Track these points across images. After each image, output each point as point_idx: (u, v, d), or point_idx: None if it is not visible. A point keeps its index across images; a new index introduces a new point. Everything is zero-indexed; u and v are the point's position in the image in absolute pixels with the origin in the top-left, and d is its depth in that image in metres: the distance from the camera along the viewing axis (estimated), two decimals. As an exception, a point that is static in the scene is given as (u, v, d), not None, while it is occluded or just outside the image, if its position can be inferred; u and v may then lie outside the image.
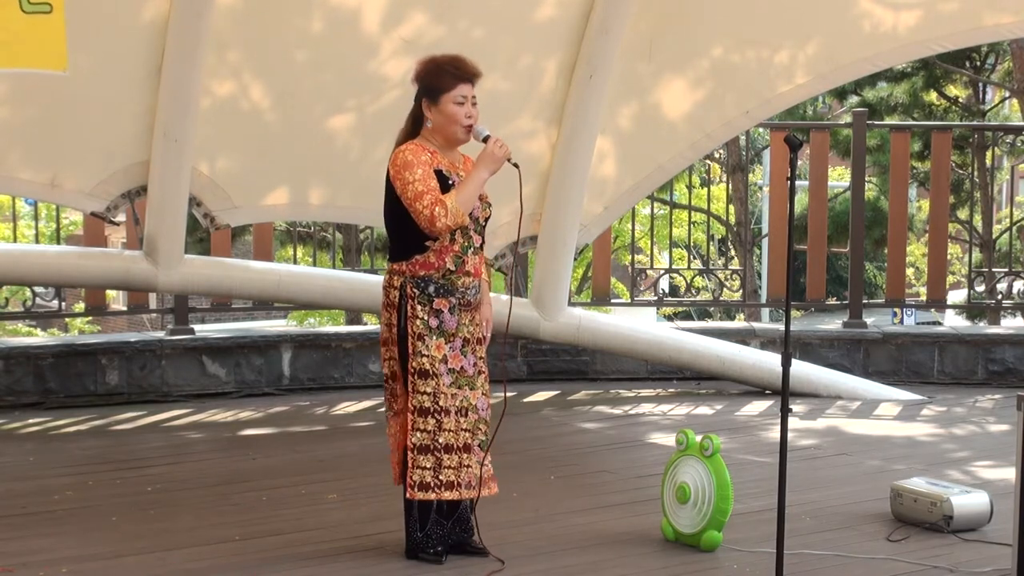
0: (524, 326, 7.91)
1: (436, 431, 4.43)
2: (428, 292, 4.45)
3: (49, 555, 4.64)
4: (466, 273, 4.51)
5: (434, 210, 4.35)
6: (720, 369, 8.16)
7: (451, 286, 4.48)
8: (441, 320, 4.46)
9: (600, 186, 7.78)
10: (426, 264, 4.46)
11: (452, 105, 4.45)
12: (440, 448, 4.44)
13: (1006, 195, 25.91)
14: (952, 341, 8.69)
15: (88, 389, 7.66)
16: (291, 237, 12.13)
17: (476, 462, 4.51)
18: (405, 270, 4.47)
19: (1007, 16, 7.10)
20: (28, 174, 6.81)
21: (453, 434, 4.46)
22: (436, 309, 4.45)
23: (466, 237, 4.50)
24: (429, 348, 4.44)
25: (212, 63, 6.68)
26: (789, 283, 4.70)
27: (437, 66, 4.50)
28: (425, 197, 4.36)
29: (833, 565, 4.55)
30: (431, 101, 4.48)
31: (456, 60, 4.52)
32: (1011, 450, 4.34)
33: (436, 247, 4.45)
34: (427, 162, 4.43)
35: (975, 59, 17.61)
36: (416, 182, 4.38)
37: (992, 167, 11.41)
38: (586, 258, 15.36)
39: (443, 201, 4.36)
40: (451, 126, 4.47)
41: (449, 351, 4.47)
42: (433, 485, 4.44)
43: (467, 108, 4.47)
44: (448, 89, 4.45)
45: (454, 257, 4.47)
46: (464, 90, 4.46)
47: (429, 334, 4.44)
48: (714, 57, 7.47)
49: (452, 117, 4.46)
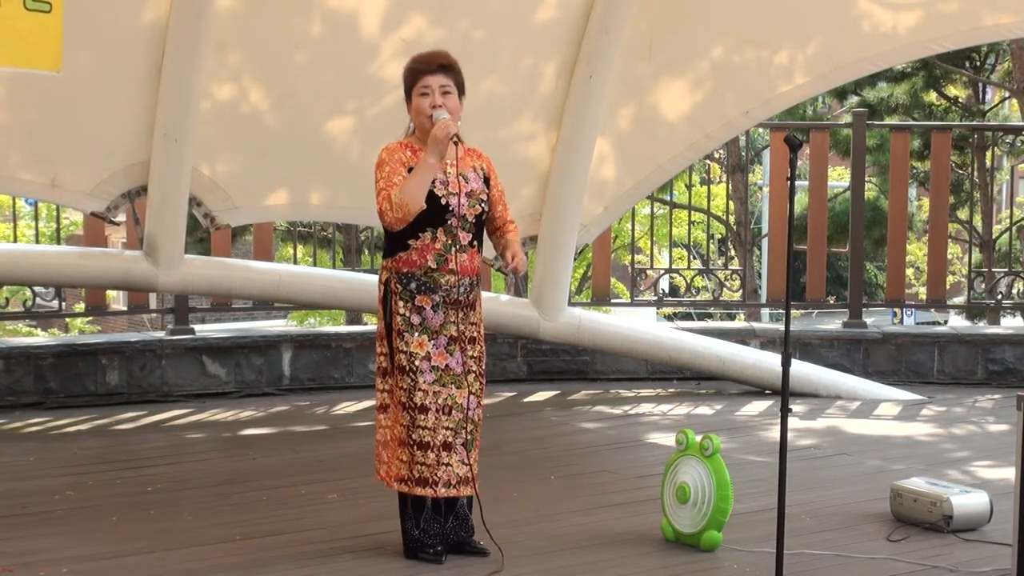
0: (524, 326, 7.92)
1: (411, 427, 4.43)
2: (410, 288, 4.46)
3: (49, 555, 4.63)
4: (450, 271, 4.46)
5: (382, 205, 4.39)
6: (720, 369, 8.17)
7: (434, 284, 4.47)
8: (423, 317, 4.45)
9: (600, 187, 7.78)
10: (408, 261, 4.47)
11: (417, 98, 4.49)
12: (413, 444, 4.43)
13: (1006, 195, 25.91)
14: (952, 341, 8.69)
15: (88, 389, 7.67)
16: (291, 236, 12.13)
17: (458, 461, 4.48)
18: (391, 266, 4.50)
19: (1007, 16, 7.11)
20: (28, 174, 6.81)
21: (430, 432, 4.43)
22: (418, 306, 4.45)
23: (450, 235, 4.45)
24: (409, 344, 4.44)
25: (212, 65, 6.69)
26: (789, 283, 4.70)
27: (407, 66, 4.56)
28: (381, 194, 4.41)
29: (833, 565, 4.55)
30: (407, 99, 4.54)
31: (423, 54, 4.56)
32: (1011, 450, 4.34)
33: (417, 245, 4.45)
34: (401, 160, 4.45)
35: (975, 59, 17.61)
36: (380, 180, 4.43)
37: (992, 167, 11.43)
38: (586, 258, 15.36)
39: (388, 195, 4.38)
40: (419, 118, 4.51)
41: (433, 348, 4.46)
42: (407, 479, 4.45)
43: (431, 98, 4.47)
44: (414, 83, 4.50)
45: (435, 255, 4.46)
46: (427, 80, 4.47)
47: (410, 330, 4.44)
48: (714, 57, 7.47)
49: (419, 109, 4.50)
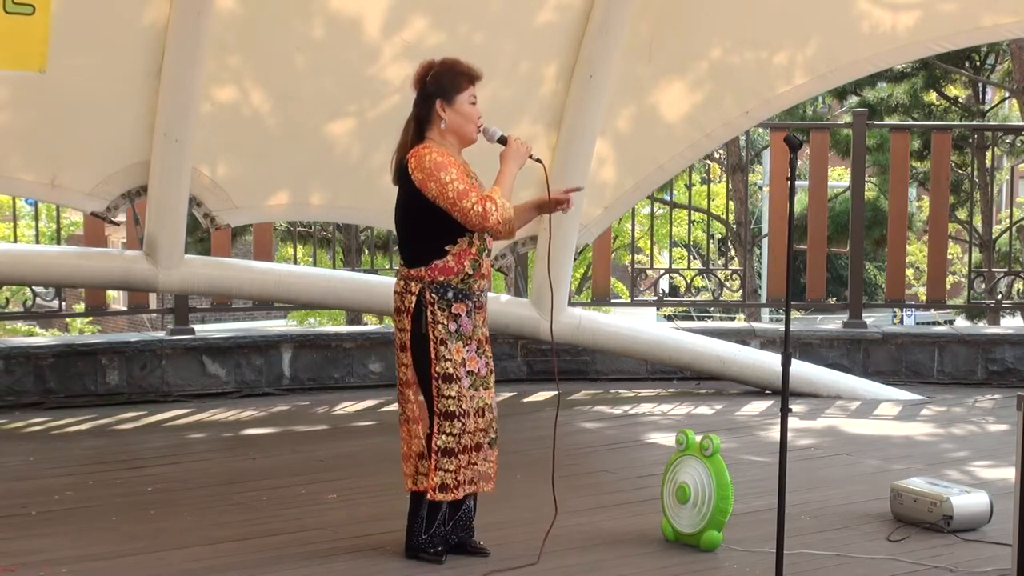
0: (524, 326, 7.92)
1: (460, 434, 4.44)
2: (447, 298, 4.44)
3: (49, 555, 4.64)
4: (482, 276, 4.52)
5: (485, 205, 4.34)
6: (720, 369, 8.17)
7: (468, 290, 4.48)
8: (459, 324, 4.46)
9: (600, 187, 7.77)
10: (445, 269, 4.44)
11: (468, 105, 4.49)
12: (461, 450, 4.46)
13: (1006, 195, 25.91)
14: (952, 341, 8.69)
15: (88, 389, 7.67)
16: (291, 236, 12.12)
17: (483, 459, 4.54)
18: (424, 276, 4.44)
19: (1006, 16, 7.12)
20: (28, 174, 6.82)
21: (471, 435, 4.48)
22: (455, 314, 4.45)
23: (482, 240, 4.50)
24: (451, 352, 4.43)
25: (213, 68, 6.69)
26: (789, 283, 4.70)
27: (448, 68, 4.51)
28: (471, 194, 4.35)
29: (833, 565, 4.56)
30: (446, 101, 4.47)
31: (462, 62, 4.55)
32: (1010, 450, 4.34)
33: (455, 251, 4.44)
34: (456, 163, 4.43)
35: (975, 59, 17.61)
36: (455, 180, 4.36)
37: (992, 167, 11.43)
38: (586, 258, 15.36)
39: (491, 197, 4.37)
40: (468, 125, 4.50)
41: (467, 354, 4.48)
42: (452, 486, 4.46)
43: (478, 108, 4.52)
44: (462, 89, 4.48)
45: (472, 260, 4.47)
46: (473, 90, 4.51)
47: (450, 338, 4.43)
48: (713, 58, 7.47)
49: (469, 116, 4.49)
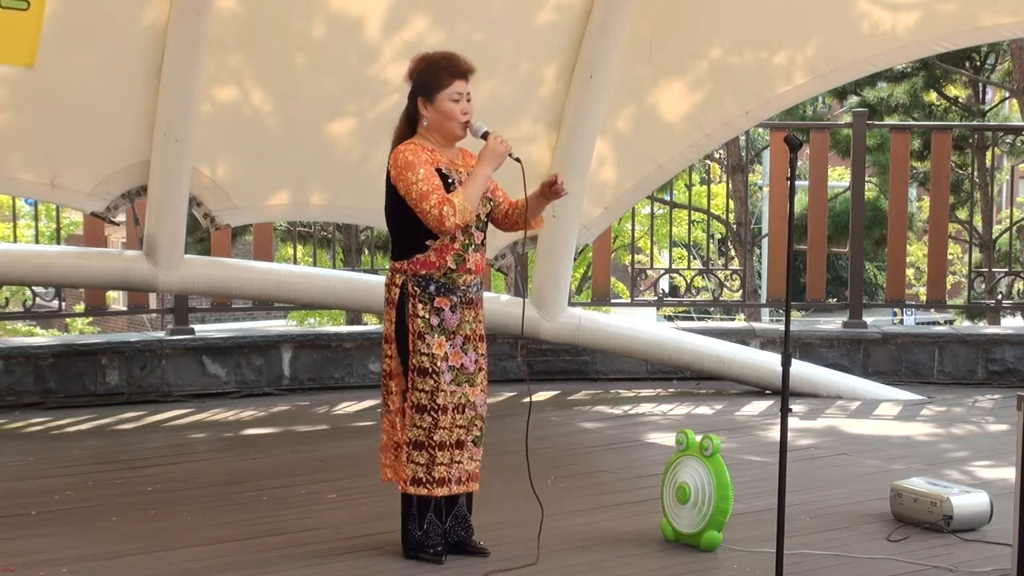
0: (524, 326, 7.90)
1: (432, 428, 4.44)
2: (429, 291, 4.45)
3: (49, 555, 4.64)
4: (467, 271, 4.51)
5: (442, 209, 4.34)
6: (720, 369, 8.17)
7: (452, 284, 4.49)
8: (442, 318, 4.46)
9: (600, 187, 7.77)
10: (427, 263, 4.45)
11: (448, 102, 4.45)
12: (434, 445, 4.45)
13: (1006, 195, 25.91)
14: (952, 341, 8.69)
15: (88, 389, 7.67)
16: (291, 236, 12.13)
17: (467, 458, 4.54)
18: (406, 268, 4.47)
19: (1006, 16, 7.11)
20: (29, 174, 6.82)
21: (447, 431, 4.47)
22: (437, 307, 4.46)
23: (467, 235, 4.49)
24: (430, 346, 4.44)
25: (213, 68, 6.69)
26: (789, 283, 4.70)
27: (432, 63, 4.49)
28: (432, 196, 4.35)
29: (833, 565, 4.56)
30: (427, 99, 4.46)
31: (450, 57, 4.51)
32: (1010, 450, 4.34)
33: (436, 246, 4.45)
34: (428, 161, 4.42)
35: (975, 59, 17.61)
36: (420, 182, 4.36)
37: (992, 167, 11.42)
38: (586, 258, 15.35)
39: (450, 200, 4.35)
40: (448, 123, 4.47)
41: (450, 348, 4.48)
42: (425, 481, 4.46)
43: (463, 104, 4.47)
44: (444, 87, 4.45)
45: (455, 255, 4.47)
46: (459, 87, 4.46)
47: (430, 332, 4.44)
48: (713, 58, 7.47)
49: (449, 114, 4.45)
